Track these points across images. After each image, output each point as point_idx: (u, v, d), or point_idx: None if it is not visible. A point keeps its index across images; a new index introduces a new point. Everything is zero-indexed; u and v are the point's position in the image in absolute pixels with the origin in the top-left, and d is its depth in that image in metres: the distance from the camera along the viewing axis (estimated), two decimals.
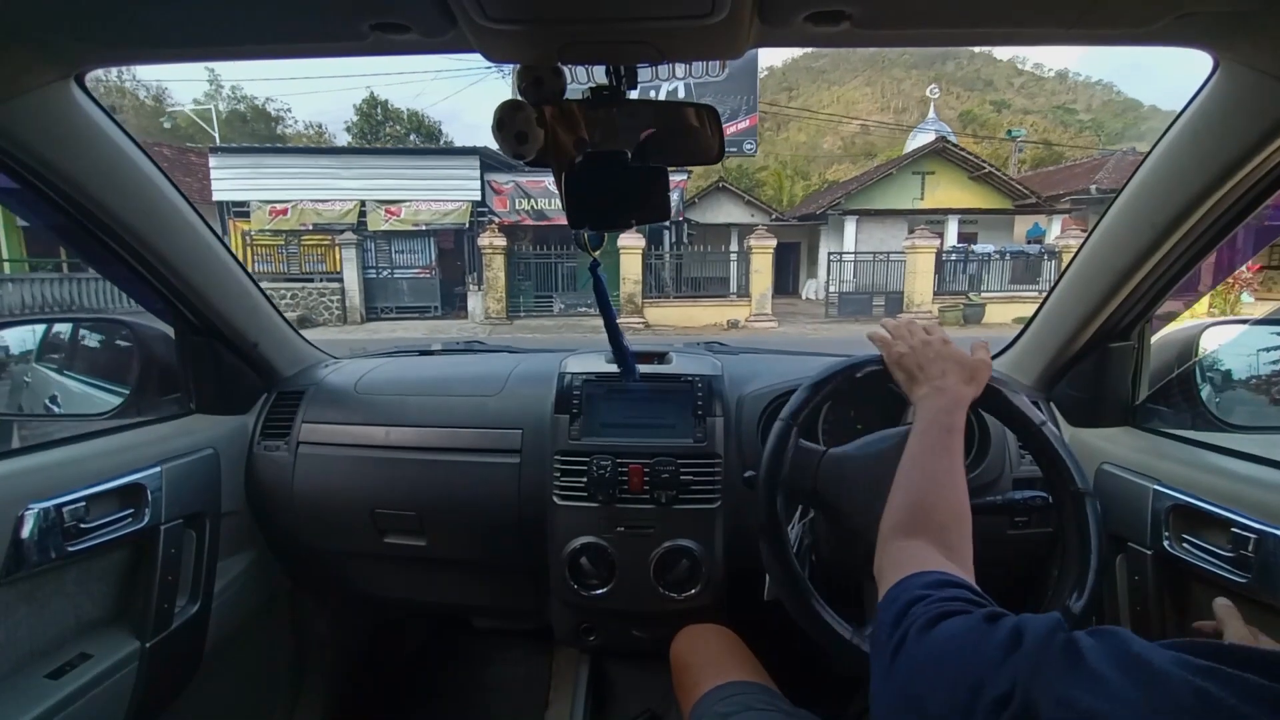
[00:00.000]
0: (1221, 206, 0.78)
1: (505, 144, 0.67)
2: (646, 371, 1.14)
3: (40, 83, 0.69)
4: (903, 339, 0.79)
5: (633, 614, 1.08)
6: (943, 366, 0.74)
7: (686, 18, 0.55)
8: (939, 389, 0.71)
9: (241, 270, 1.08)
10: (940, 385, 0.72)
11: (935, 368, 0.74)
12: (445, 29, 0.57)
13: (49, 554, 0.79)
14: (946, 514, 0.59)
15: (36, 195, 0.77)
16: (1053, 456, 0.78)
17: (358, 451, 1.15)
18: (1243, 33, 0.60)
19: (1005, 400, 0.80)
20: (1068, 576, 0.73)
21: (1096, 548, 0.73)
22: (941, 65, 14.39)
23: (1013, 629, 0.37)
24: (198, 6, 0.58)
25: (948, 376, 0.72)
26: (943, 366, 0.74)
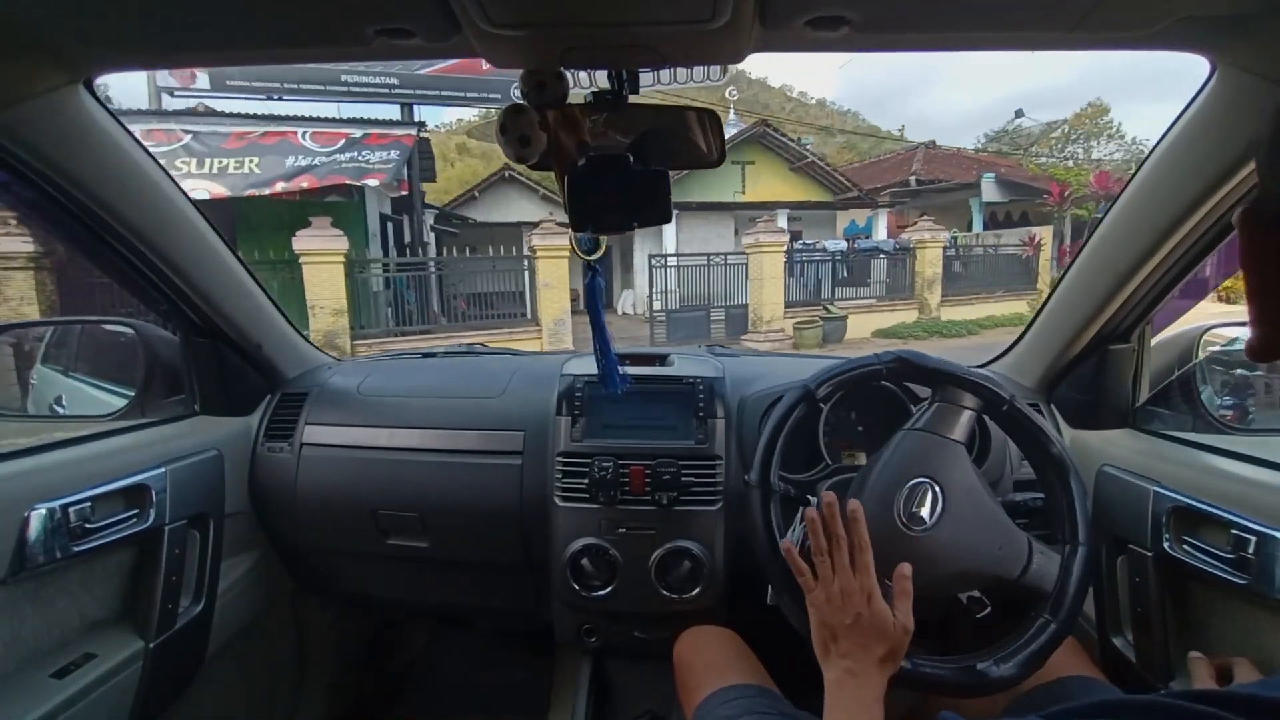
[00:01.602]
0: (1220, 209, 0.78)
1: (508, 148, 0.67)
2: (647, 373, 1.14)
3: (49, 87, 0.69)
4: (824, 577, 0.66)
5: (634, 615, 1.08)
6: (861, 640, 0.62)
7: (688, 23, 0.55)
8: (851, 674, 0.61)
9: (246, 273, 1.08)
10: (852, 669, 0.61)
11: (851, 640, 0.62)
12: (449, 34, 0.58)
13: (54, 554, 0.80)
14: None
15: (44, 198, 0.78)
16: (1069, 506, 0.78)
17: (360, 453, 1.15)
18: (1240, 36, 0.60)
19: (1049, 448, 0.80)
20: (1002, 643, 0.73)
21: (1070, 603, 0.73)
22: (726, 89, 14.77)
23: None
24: (204, 12, 0.58)
25: (865, 656, 0.62)
26: (861, 640, 0.62)
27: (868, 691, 0.60)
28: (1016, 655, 0.70)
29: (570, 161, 0.69)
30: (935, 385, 0.83)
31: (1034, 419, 0.81)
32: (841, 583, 0.64)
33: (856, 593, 0.64)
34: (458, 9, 0.53)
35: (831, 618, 0.64)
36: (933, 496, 0.76)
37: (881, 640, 0.62)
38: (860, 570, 0.65)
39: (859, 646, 0.62)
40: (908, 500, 0.75)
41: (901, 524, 0.74)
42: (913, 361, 0.83)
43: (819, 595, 0.66)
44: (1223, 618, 0.78)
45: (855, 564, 0.65)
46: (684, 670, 0.89)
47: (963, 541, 0.75)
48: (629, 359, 1.20)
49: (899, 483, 0.76)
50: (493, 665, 1.65)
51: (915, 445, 0.80)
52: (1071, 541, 0.75)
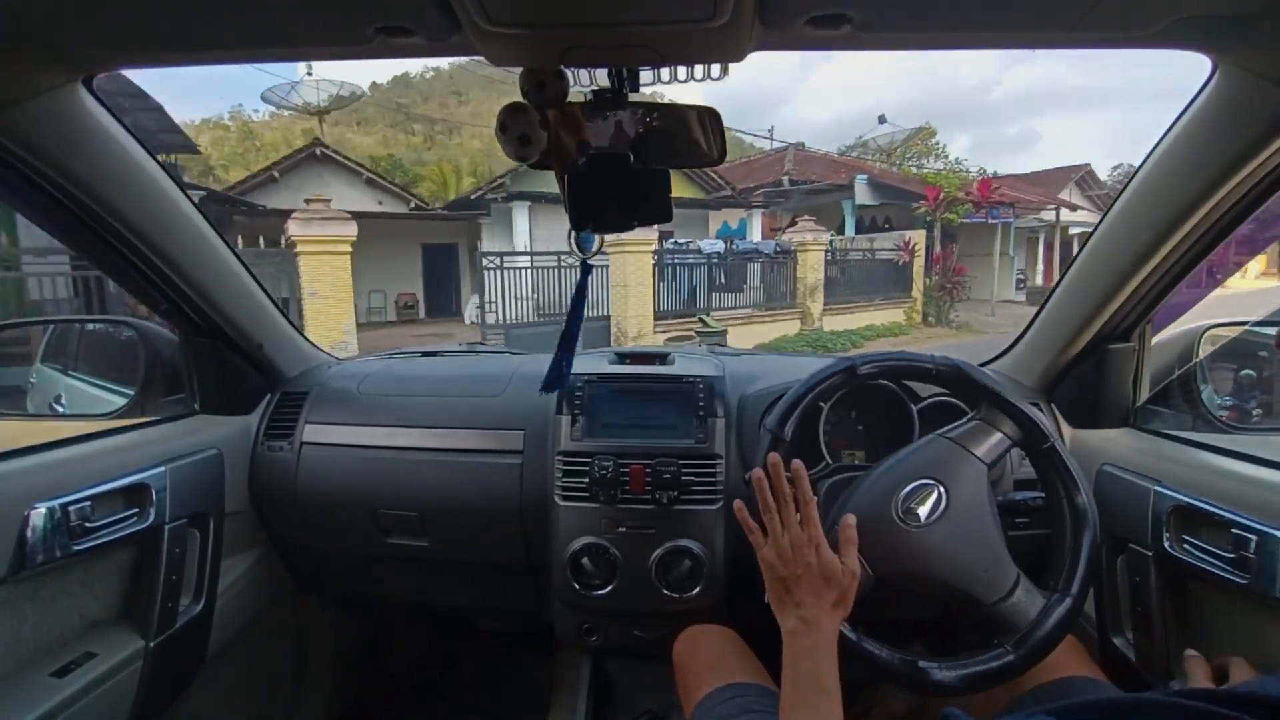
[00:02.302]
0: (1221, 209, 0.78)
1: (508, 146, 0.67)
2: (648, 372, 1.14)
3: (49, 86, 0.69)
4: (774, 533, 0.68)
5: (634, 614, 1.08)
6: (812, 587, 0.65)
7: (688, 21, 0.55)
8: (805, 621, 0.64)
9: (246, 272, 1.08)
10: (806, 616, 0.64)
11: (801, 588, 0.65)
12: (449, 33, 0.58)
13: (54, 553, 0.80)
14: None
15: (44, 197, 0.78)
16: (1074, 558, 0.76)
17: (361, 452, 1.15)
18: (1240, 36, 0.60)
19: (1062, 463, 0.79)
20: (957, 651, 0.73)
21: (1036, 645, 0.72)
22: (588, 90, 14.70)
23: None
24: (205, 10, 0.58)
25: (818, 604, 0.64)
26: (812, 587, 0.65)
27: (822, 636, 0.63)
28: (964, 669, 0.70)
29: (570, 160, 0.69)
30: (980, 402, 0.82)
31: (1069, 463, 0.78)
32: (791, 536, 0.67)
33: (805, 544, 0.66)
34: (458, 8, 0.53)
35: (784, 570, 0.67)
36: (936, 498, 0.76)
37: (831, 586, 0.65)
38: (807, 522, 0.67)
39: (811, 594, 0.65)
40: (909, 495, 0.75)
41: (897, 516, 0.75)
42: (967, 373, 0.82)
43: (769, 551, 0.68)
44: (1223, 617, 0.78)
45: (802, 517, 0.68)
46: (683, 669, 0.89)
47: (951, 550, 0.74)
48: (629, 358, 1.20)
49: (908, 478, 0.76)
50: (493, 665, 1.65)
51: (939, 450, 0.79)
52: (1063, 590, 0.74)
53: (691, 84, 0.68)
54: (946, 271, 12.24)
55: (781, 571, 0.67)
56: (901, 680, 0.71)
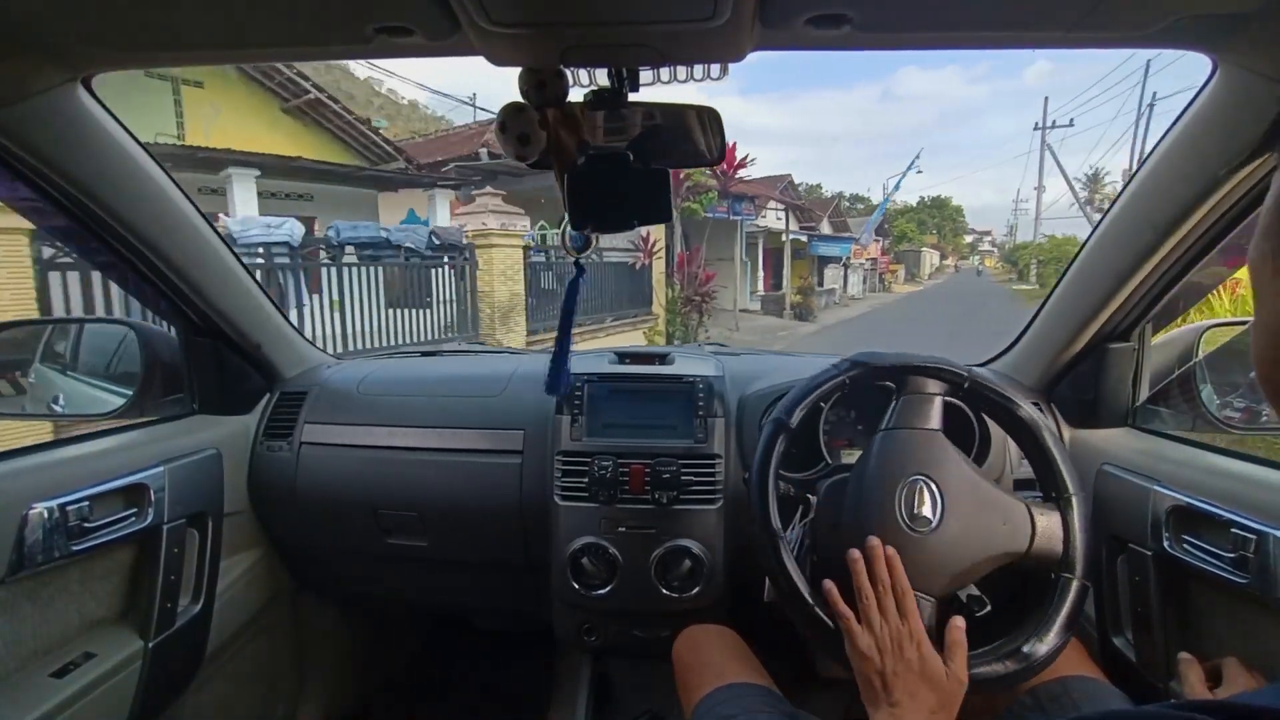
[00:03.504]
0: (1221, 208, 0.78)
1: (507, 146, 0.67)
2: (648, 372, 1.14)
3: (47, 86, 0.69)
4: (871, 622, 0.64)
5: (634, 614, 1.08)
6: (911, 688, 0.60)
7: (688, 21, 0.55)
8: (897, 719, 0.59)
9: (245, 272, 1.08)
10: (900, 716, 0.59)
11: (901, 688, 0.60)
12: (449, 32, 0.58)
13: (53, 553, 0.80)
14: None
15: (43, 197, 0.78)
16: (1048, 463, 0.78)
17: (360, 452, 1.15)
18: (1241, 35, 0.60)
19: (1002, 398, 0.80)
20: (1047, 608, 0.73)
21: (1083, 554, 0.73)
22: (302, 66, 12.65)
23: None
24: (203, 10, 0.58)
25: (915, 707, 0.60)
26: (911, 688, 0.60)
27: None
28: (1053, 624, 0.70)
29: (570, 160, 0.69)
30: (897, 380, 0.83)
31: (996, 387, 0.80)
32: (891, 629, 0.63)
33: (906, 638, 0.62)
34: (457, 7, 0.53)
35: (881, 664, 0.62)
36: (930, 493, 0.75)
37: (934, 690, 0.60)
38: (907, 615, 0.63)
39: (907, 695, 0.60)
40: (906, 502, 0.74)
41: (906, 527, 0.73)
42: (870, 364, 0.83)
43: (866, 640, 0.63)
44: (1223, 617, 0.78)
45: (902, 609, 0.64)
46: (683, 669, 0.89)
47: (970, 531, 0.74)
48: (629, 357, 1.20)
49: (893, 485, 0.75)
50: (493, 665, 1.65)
51: (896, 444, 0.79)
52: (1063, 495, 0.75)
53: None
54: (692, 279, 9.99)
55: (879, 666, 0.62)
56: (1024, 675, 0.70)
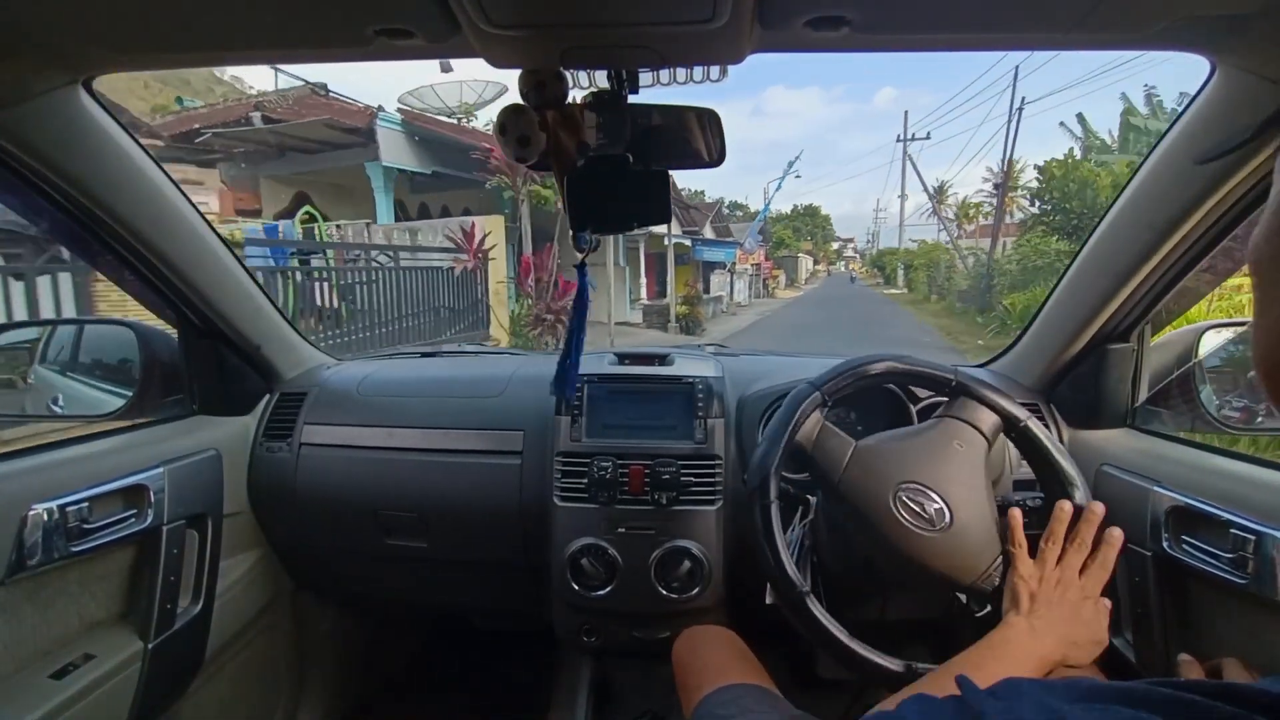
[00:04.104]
0: (1220, 209, 0.78)
1: (508, 148, 0.67)
2: (647, 373, 1.14)
3: (49, 87, 0.69)
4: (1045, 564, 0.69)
5: (634, 615, 1.08)
6: (1055, 618, 0.65)
7: (687, 23, 0.55)
8: (1035, 634, 0.63)
9: (245, 273, 1.08)
10: (1040, 632, 0.63)
11: (1050, 614, 0.65)
12: (449, 34, 0.58)
13: (53, 554, 0.79)
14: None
15: (44, 198, 0.78)
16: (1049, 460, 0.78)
17: (360, 453, 1.15)
18: (1239, 37, 0.60)
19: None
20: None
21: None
22: None
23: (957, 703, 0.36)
24: (204, 12, 0.58)
25: (1055, 631, 0.64)
26: (1055, 618, 0.65)
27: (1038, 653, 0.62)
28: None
29: (570, 161, 0.69)
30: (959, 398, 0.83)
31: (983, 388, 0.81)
32: (1063, 574, 0.68)
33: (1075, 587, 0.67)
34: (457, 9, 0.53)
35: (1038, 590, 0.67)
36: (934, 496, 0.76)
37: (1083, 628, 0.65)
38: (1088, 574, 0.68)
39: (1048, 619, 0.64)
40: (908, 504, 0.75)
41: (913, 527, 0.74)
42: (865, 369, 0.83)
43: (1030, 569, 0.68)
44: (1222, 618, 0.78)
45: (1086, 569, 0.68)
46: (683, 670, 0.89)
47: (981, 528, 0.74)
48: (629, 358, 1.20)
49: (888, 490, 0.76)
50: (493, 665, 1.65)
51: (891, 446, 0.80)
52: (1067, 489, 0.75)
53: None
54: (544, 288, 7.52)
55: (1033, 589, 0.67)
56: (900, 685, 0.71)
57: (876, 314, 18.73)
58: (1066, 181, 12.35)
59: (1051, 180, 12.84)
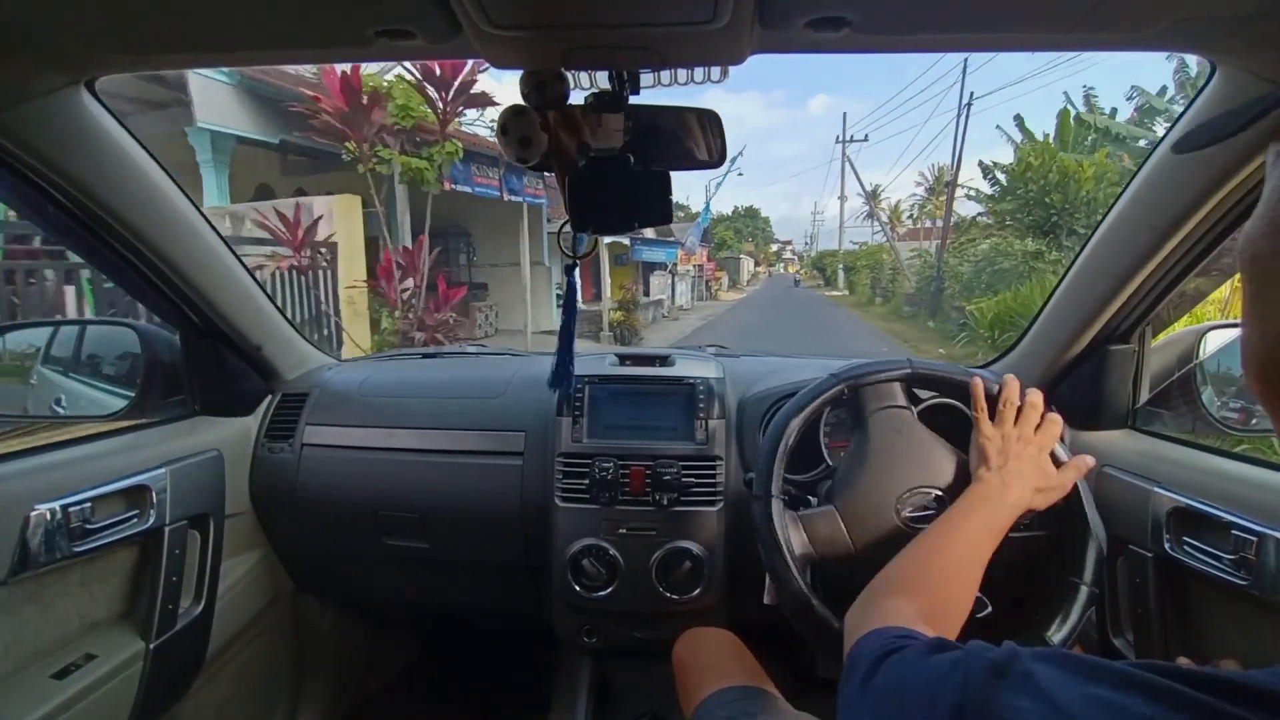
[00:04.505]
0: (1221, 209, 0.78)
1: (509, 148, 0.67)
2: (648, 374, 1.14)
3: (51, 88, 0.70)
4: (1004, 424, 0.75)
5: (634, 615, 1.08)
6: (1023, 468, 0.71)
7: (688, 24, 0.55)
8: (1005, 484, 0.70)
9: (246, 274, 1.09)
10: (1009, 481, 0.70)
11: (1015, 465, 0.72)
12: (450, 35, 0.58)
13: (54, 554, 0.80)
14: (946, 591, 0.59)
15: (46, 199, 0.78)
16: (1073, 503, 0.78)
17: (361, 454, 1.15)
18: (1240, 38, 0.60)
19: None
20: (1054, 610, 0.74)
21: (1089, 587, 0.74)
22: None
23: (958, 656, 0.37)
24: (206, 13, 0.59)
25: (1021, 479, 0.70)
26: (1023, 468, 0.71)
27: (1007, 495, 0.69)
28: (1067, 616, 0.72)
29: (571, 162, 0.69)
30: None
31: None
32: (1021, 431, 0.74)
33: (1033, 442, 0.74)
34: (458, 10, 0.53)
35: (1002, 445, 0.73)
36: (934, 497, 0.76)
37: (1043, 475, 0.72)
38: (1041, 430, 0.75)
39: (1018, 473, 0.71)
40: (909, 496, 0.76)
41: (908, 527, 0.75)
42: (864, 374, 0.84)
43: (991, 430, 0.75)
44: (1223, 619, 0.78)
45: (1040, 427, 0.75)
46: (684, 671, 0.89)
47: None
48: (629, 359, 1.20)
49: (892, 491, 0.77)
50: (493, 665, 1.65)
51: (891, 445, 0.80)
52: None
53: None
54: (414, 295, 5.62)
55: (999, 443, 0.74)
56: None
57: (826, 319, 17.73)
58: (1044, 172, 10.91)
59: (1026, 171, 11.23)
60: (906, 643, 0.42)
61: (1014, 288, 9.47)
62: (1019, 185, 11.40)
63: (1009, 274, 10.42)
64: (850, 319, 17.57)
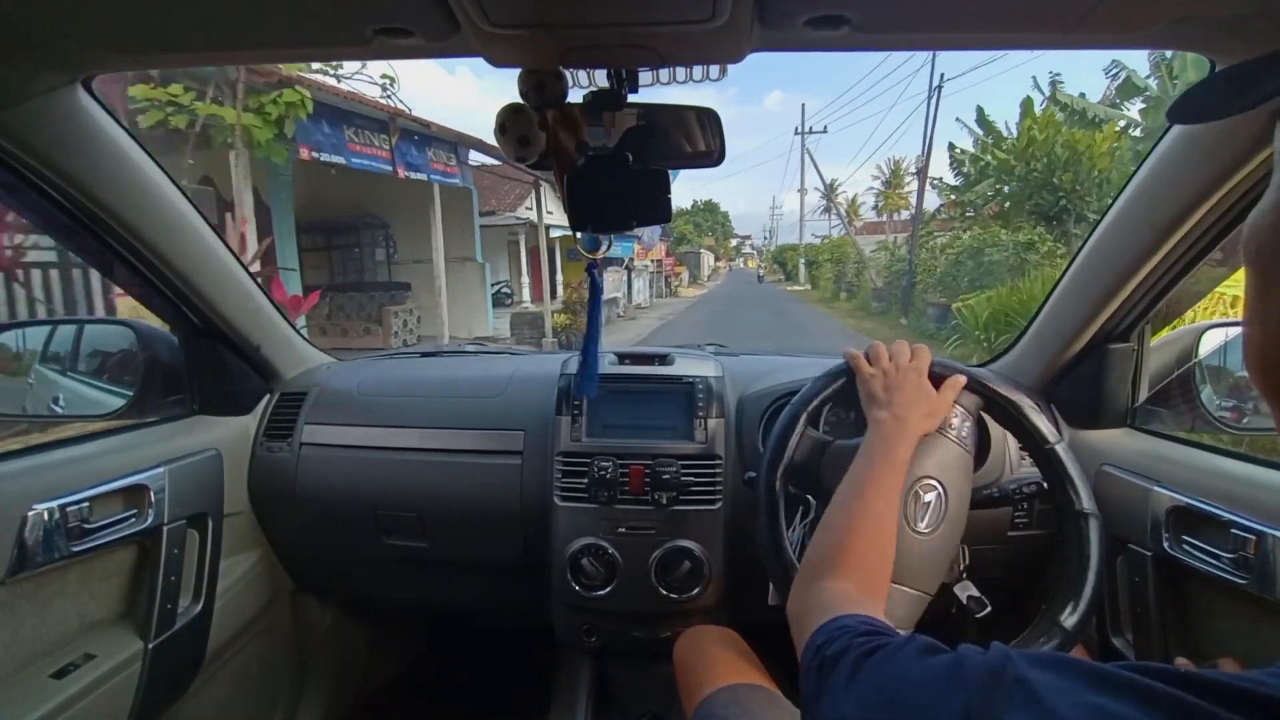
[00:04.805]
0: (1220, 208, 0.78)
1: (507, 147, 0.67)
2: (648, 373, 1.14)
3: (48, 87, 0.69)
4: (879, 361, 0.80)
5: (634, 615, 1.08)
6: (909, 397, 0.75)
7: (687, 23, 0.55)
8: (898, 419, 0.72)
9: (245, 272, 1.08)
10: (900, 415, 0.73)
11: (901, 396, 0.75)
12: (448, 33, 0.58)
13: (53, 554, 0.79)
14: (873, 554, 0.60)
15: (43, 198, 0.78)
16: (1060, 473, 0.78)
17: (360, 453, 1.15)
18: (1239, 37, 0.60)
19: (1018, 413, 0.81)
20: (1065, 591, 0.74)
21: (1096, 567, 0.74)
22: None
23: (952, 661, 0.36)
24: (204, 11, 0.58)
25: (911, 409, 0.73)
26: (909, 397, 0.75)
27: (905, 429, 0.71)
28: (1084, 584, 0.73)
29: (569, 161, 0.69)
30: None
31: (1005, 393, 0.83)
32: (898, 362, 0.78)
33: (911, 369, 0.77)
34: (457, 9, 0.53)
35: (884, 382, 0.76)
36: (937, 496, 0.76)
37: (927, 400, 0.75)
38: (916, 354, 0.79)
39: (906, 403, 0.74)
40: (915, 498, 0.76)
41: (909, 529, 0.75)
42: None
43: (868, 368, 0.79)
44: (1222, 618, 0.78)
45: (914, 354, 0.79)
46: (685, 670, 0.89)
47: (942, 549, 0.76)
48: (629, 358, 1.20)
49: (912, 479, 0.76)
50: (493, 665, 1.65)
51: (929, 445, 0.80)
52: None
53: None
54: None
55: (881, 380, 0.77)
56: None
57: (793, 317, 16.49)
58: (1049, 148, 9.61)
59: (1029, 148, 9.88)
60: (881, 640, 0.41)
61: (1009, 283, 8.65)
62: (1017, 165, 10.18)
63: (998, 268, 9.58)
64: (818, 316, 16.73)
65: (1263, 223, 0.31)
